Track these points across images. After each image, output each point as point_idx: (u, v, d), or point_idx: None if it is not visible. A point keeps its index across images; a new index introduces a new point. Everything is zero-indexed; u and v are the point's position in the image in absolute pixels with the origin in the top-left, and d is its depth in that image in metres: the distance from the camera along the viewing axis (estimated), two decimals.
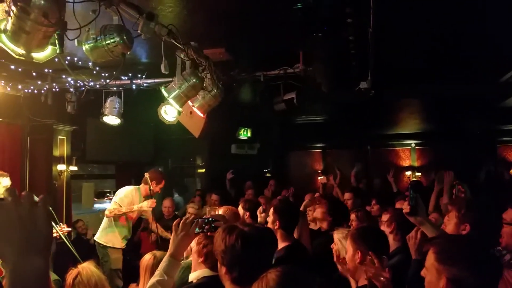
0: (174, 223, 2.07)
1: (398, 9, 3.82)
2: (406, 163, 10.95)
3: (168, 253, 2.02)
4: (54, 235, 4.19)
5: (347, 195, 5.45)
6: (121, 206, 5.36)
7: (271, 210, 3.21)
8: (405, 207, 2.33)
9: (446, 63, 5.41)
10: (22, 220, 0.92)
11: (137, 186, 5.65)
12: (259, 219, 3.88)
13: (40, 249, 0.92)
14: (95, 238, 5.66)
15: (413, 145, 10.89)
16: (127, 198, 5.40)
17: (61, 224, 4.58)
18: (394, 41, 4.67)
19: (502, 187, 6.70)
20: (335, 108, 8.20)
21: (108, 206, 5.93)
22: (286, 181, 10.11)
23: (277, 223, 3.09)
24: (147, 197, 5.65)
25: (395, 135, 10.96)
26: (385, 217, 3.20)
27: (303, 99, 5.28)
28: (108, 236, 5.44)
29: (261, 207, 3.98)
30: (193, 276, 2.25)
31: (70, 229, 4.75)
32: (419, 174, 10.41)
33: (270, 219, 3.17)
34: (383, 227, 3.04)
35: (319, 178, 9.60)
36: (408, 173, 10.71)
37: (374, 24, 3.92)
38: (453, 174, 5.25)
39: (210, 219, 2.08)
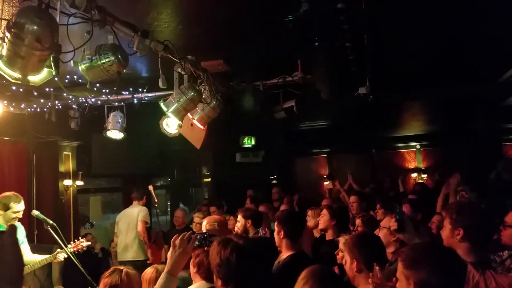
0: (172, 239, 2.09)
1: (398, 11, 3.83)
2: (411, 165, 10.90)
3: (166, 269, 2.04)
4: (61, 257, 4.25)
5: (352, 198, 5.44)
6: (147, 223, 6.28)
7: (276, 221, 3.25)
8: (392, 224, 2.35)
9: (446, 64, 5.40)
10: None
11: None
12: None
13: (12, 279, 0.92)
14: (133, 258, 6.11)
15: (418, 146, 10.84)
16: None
17: (76, 240, 4.68)
18: (394, 43, 4.67)
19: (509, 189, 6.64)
20: (338, 113, 8.20)
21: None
22: (292, 188, 10.11)
23: (282, 233, 3.15)
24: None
25: (400, 137, 10.92)
26: (386, 224, 3.17)
27: (303, 106, 5.30)
28: (144, 252, 6.21)
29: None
30: None
31: (89, 243, 4.89)
32: (425, 175, 10.35)
33: (275, 230, 3.22)
34: (383, 233, 3.02)
35: (325, 183, 9.59)
36: (414, 175, 10.65)
37: (373, 28, 3.93)
38: (459, 176, 5.21)
39: (207, 234, 2.11)
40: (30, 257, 4.33)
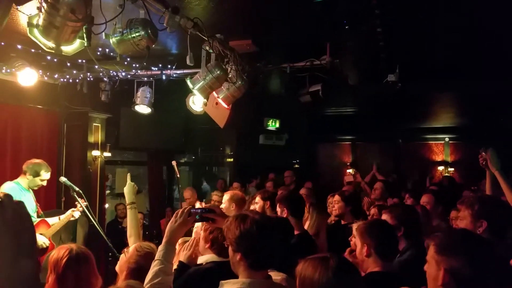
0: (176, 211, 2.15)
1: (434, 2, 3.72)
2: (439, 157, 10.67)
3: (165, 240, 2.06)
4: (76, 214, 4.66)
5: (377, 184, 5.35)
6: None
7: (278, 203, 3.33)
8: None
9: (480, 57, 5.23)
10: (7, 224, 0.90)
11: None
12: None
13: (29, 250, 0.92)
14: None
15: (447, 139, 10.59)
16: None
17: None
18: (427, 32, 4.55)
19: None
20: (365, 100, 8.09)
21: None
22: (314, 173, 10.10)
23: (285, 212, 3.26)
24: None
25: (428, 128, 10.68)
26: (386, 217, 3.06)
27: (329, 91, 5.25)
28: None
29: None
30: (201, 260, 2.37)
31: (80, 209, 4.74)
32: (452, 169, 10.14)
33: (278, 210, 3.29)
34: None
35: (347, 171, 9.53)
36: (440, 168, 10.45)
37: (405, 13, 3.83)
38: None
39: (206, 209, 2.17)
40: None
